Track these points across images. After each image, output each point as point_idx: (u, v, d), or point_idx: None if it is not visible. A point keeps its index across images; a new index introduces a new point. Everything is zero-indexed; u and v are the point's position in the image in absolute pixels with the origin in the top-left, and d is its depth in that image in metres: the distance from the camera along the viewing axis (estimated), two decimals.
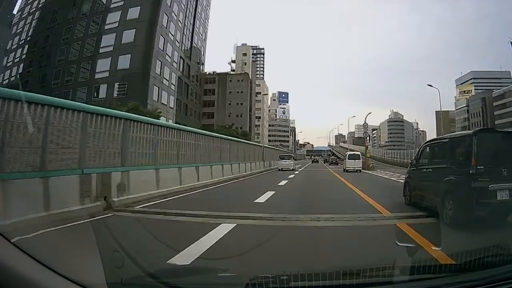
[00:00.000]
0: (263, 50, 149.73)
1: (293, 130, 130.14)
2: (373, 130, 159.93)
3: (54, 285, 1.24)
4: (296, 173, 23.67)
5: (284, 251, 3.93)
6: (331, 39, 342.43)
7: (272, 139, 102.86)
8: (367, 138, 39.73)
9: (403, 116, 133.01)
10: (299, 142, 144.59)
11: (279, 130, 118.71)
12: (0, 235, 1.23)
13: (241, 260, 3.33)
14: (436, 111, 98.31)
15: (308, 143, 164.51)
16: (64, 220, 4.74)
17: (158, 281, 1.76)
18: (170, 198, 8.52)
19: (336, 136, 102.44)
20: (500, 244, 2.30)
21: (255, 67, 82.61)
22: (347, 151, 42.20)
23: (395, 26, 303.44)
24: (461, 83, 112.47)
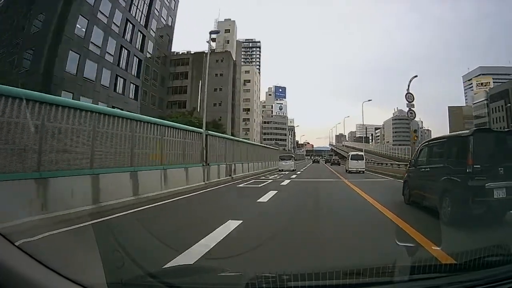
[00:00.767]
0: (259, 43, 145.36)
1: (292, 129, 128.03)
2: (376, 129, 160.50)
3: (54, 285, 1.27)
4: (286, 182, 16.12)
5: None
6: (331, 39, 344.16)
7: (268, 138, 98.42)
8: (370, 137, 39.69)
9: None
10: (298, 142, 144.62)
11: (275, 127, 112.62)
12: (1, 235, 1.26)
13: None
14: (449, 107, 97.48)
15: (308, 143, 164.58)
16: None
17: (158, 281, 1.81)
18: None
19: (336, 136, 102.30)
20: (501, 244, 2.38)
21: (241, 47, 67.13)
22: (350, 151, 42.01)
23: (395, 26, 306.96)
24: (468, 79, 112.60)
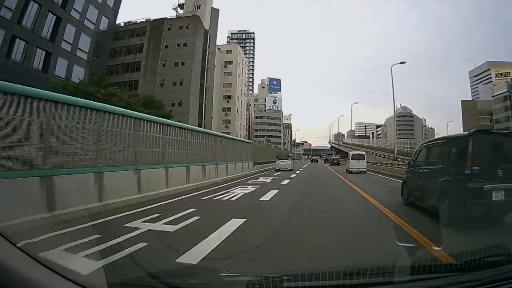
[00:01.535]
0: (253, 34, 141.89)
1: (288, 127, 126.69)
2: (377, 127, 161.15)
3: (54, 285, 1.30)
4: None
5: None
6: (330, 37, 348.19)
7: (260, 134, 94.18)
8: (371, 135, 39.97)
9: (411, 110, 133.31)
10: (295, 141, 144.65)
11: (268, 123, 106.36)
12: (1, 235, 1.29)
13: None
14: (462, 101, 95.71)
15: (306, 142, 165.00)
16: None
17: (158, 281, 1.86)
18: None
19: (335, 134, 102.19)
20: (501, 244, 2.46)
21: (218, 16, 55.05)
22: (354, 149, 41.94)
23: (394, 24, 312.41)
24: (475, 75, 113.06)
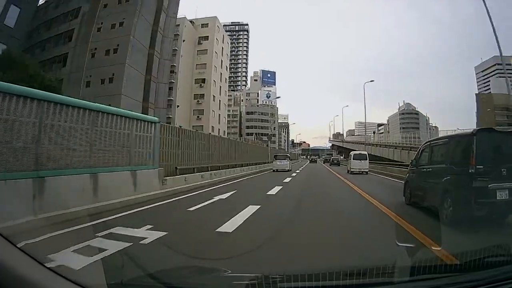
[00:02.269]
0: (247, 26, 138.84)
1: (286, 126, 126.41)
2: (379, 126, 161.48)
3: (54, 285, 1.33)
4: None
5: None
6: (328, 36, 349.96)
7: (251, 132, 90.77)
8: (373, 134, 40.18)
9: (416, 107, 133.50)
10: (294, 141, 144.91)
11: (261, 119, 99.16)
12: (1, 235, 1.31)
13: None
14: (477, 94, 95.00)
15: (304, 142, 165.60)
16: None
17: (158, 281, 1.91)
18: None
19: (333, 134, 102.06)
20: (502, 244, 2.52)
21: None
22: (356, 149, 42.06)
23: (393, 23, 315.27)
24: (482, 70, 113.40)
